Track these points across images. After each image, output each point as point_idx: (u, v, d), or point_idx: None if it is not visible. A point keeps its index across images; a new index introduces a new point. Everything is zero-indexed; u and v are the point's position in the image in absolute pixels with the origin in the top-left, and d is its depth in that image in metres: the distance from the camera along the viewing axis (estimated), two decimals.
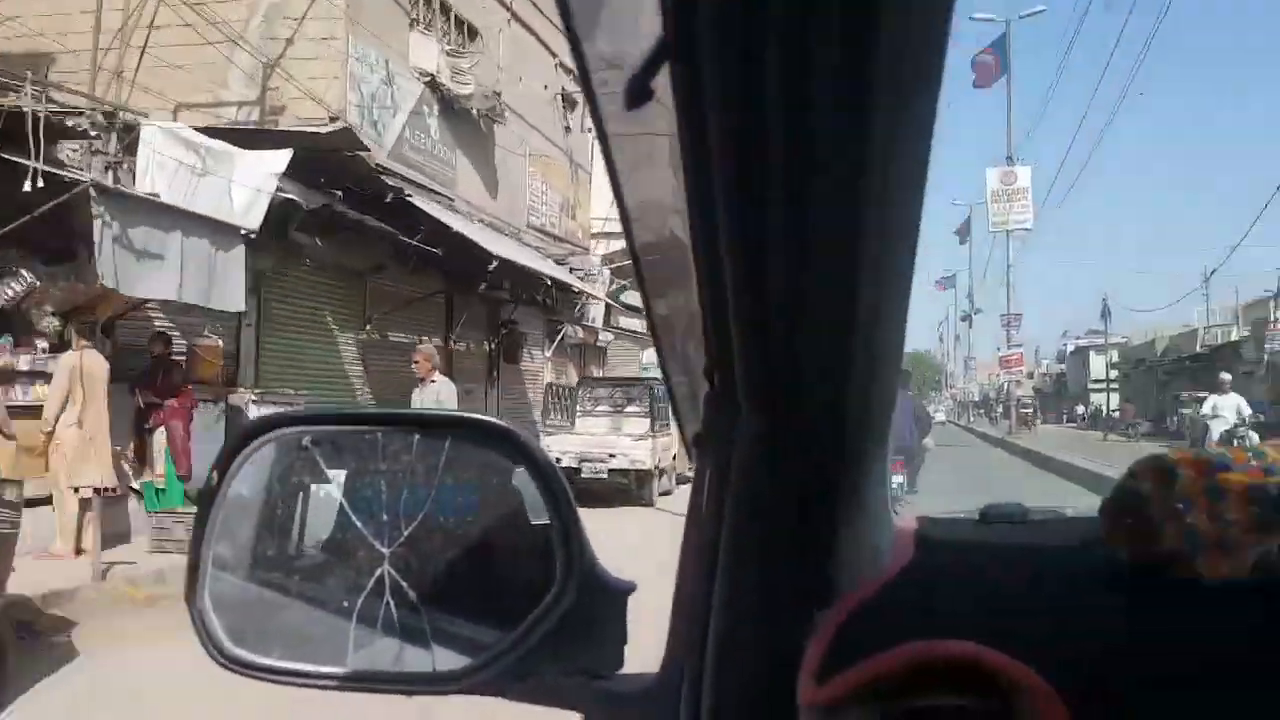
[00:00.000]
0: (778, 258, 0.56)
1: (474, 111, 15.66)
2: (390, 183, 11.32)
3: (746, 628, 0.70)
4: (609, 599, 0.82)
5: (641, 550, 2.09)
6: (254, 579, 0.91)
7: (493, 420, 0.89)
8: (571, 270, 18.76)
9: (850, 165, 0.51)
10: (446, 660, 0.82)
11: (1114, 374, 54.85)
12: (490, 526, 0.92)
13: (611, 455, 13.45)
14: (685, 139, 0.53)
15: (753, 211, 0.54)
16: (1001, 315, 33.45)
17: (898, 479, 9.89)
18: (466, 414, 0.93)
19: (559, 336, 20.65)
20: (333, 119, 11.33)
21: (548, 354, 20.69)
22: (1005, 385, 33.66)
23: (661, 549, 0.97)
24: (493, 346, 18.10)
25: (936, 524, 0.83)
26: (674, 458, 15.38)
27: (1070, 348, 72.53)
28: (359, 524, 0.87)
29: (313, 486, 0.94)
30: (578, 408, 15.50)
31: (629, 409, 14.91)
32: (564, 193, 21.22)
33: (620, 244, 19.22)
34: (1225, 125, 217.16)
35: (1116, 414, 43.97)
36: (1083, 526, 0.72)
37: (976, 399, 70.12)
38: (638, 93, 0.50)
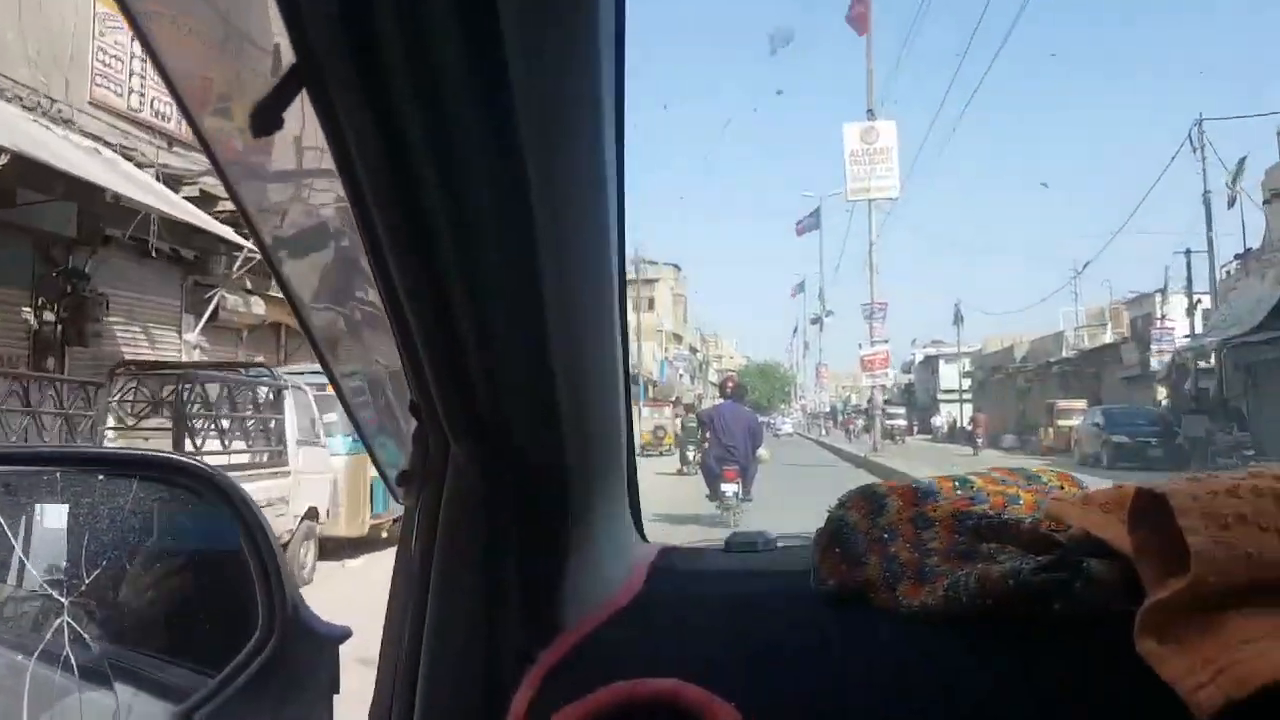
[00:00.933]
0: (461, 290, 0.55)
1: None
2: None
3: (460, 672, 0.67)
4: (318, 645, 0.81)
5: None
6: None
7: (180, 458, 0.63)
8: (204, 198, 11.38)
9: (510, 183, 0.51)
10: (141, 713, 0.78)
11: (966, 383, 51.38)
12: (186, 569, 0.88)
13: None
14: (339, 166, 0.51)
15: (420, 247, 0.52)
16: (863, 305, 26.51)
17: (732, 487, 10.24)
18: (153, 452, 0.56)
19: (210, 308, 13.15)
20: None
21: (192, 336, 13.14)
22: (870, 391, 28.09)
23: None
24: (44, 316, 10.48)
25: (677, 554, 0.86)
26: (311, 516, 8.24)
27: (918, 357, 69.75)
28: (35, 572, 0.82)
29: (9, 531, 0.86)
30: (106, 422, 8.11)
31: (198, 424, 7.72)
32: None
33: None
34: (1095, 112, 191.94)
35: (969, 426, 39.89)
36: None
37: (827, 409, 66.19)
38: (267, 121, 0.49)
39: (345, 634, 0.82)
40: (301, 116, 0.53)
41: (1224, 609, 0.57)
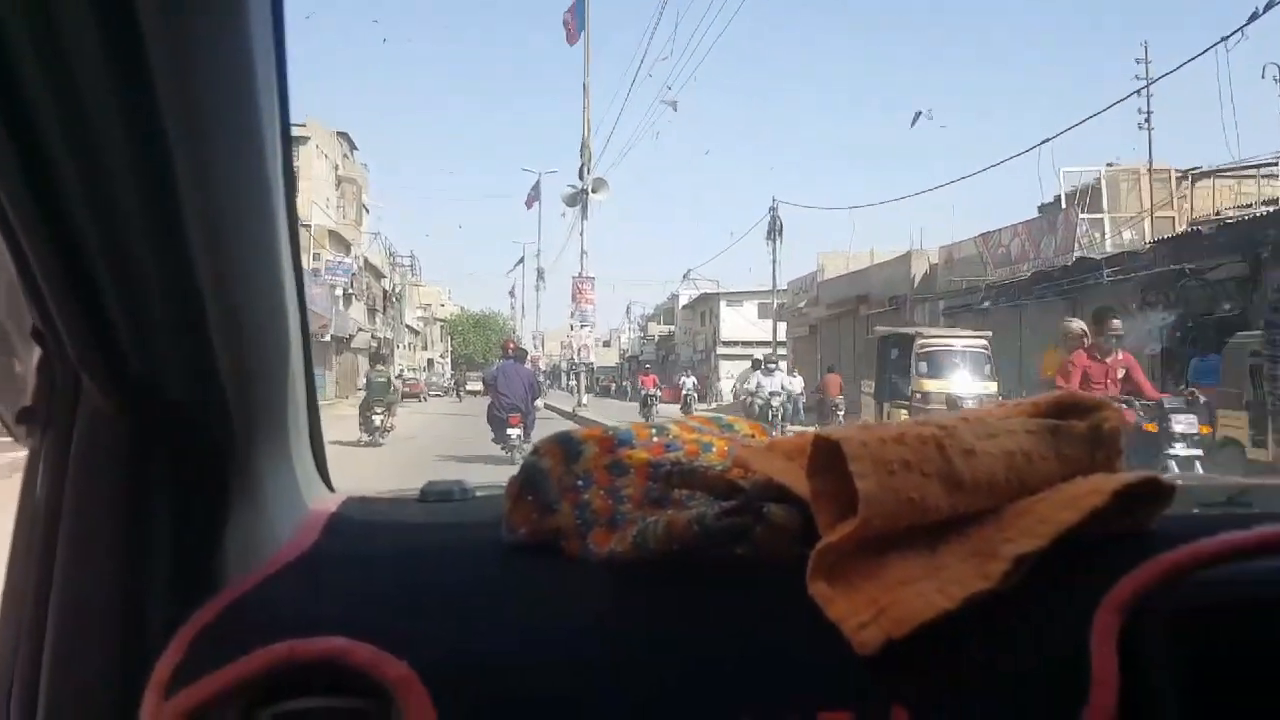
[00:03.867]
0: (79, 199, 0.48)
1: None
2: None
3: (91, 638, 0.60)
4: None
5: None
6: None
7: None
8: None
9: (128, 58, 0.44)
10: None
11: (781, 330, 33.53)
12: None
13: None
14: None
15: (17, 141, 0.45)
16: None
17: (516, 431, 11.37)
18: None
19: None
20: None
21: None
22: None
23: None
24: None
25: (363, 504, 0.80)
26: None
27: (683, 298, 51.51)
28: None
29: None
30: None
31: None
32: None
33: None
34: None
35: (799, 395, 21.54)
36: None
37: (619, 358, 41.32)
38: None
39: None
40: None
41: (887, 551, 0.59)
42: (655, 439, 0.74)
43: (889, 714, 0.54)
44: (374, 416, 14.59)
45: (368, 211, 46.71)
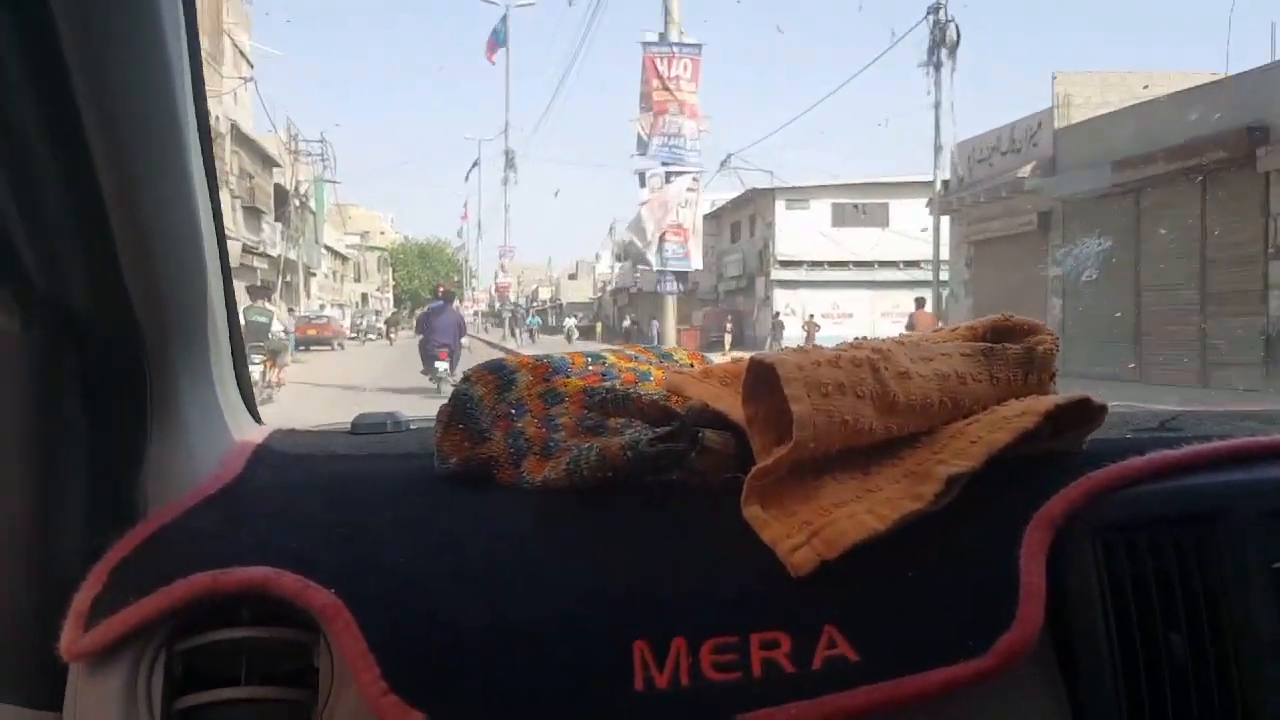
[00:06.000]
0: None
1: None
2: None
3: (8, 574, 0.58)
4: None
5: None
6: None
7: None
8: None
9: None
10: None
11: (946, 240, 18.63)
12: None
13: None
14: None
15: None
16: None
17: (444, 365, 11.92)
18: None
19: None
20: None
21: None
22: None
23: None
24: None
25: (291, 437, 0.78)
26: None
27: (704, 205, 36.10)
28: None
29: None
30: None
31: None
32: None
33: None
34: None
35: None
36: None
37: (593, 292, 23.79)
38: None
39: None
40: None
41: (821, 474, 0.60)
42: (591, 367, 0.74)
43: (821, 634, 0.55)
44: (251, 367, 11.56)
45: (251, 65, 30.49)
